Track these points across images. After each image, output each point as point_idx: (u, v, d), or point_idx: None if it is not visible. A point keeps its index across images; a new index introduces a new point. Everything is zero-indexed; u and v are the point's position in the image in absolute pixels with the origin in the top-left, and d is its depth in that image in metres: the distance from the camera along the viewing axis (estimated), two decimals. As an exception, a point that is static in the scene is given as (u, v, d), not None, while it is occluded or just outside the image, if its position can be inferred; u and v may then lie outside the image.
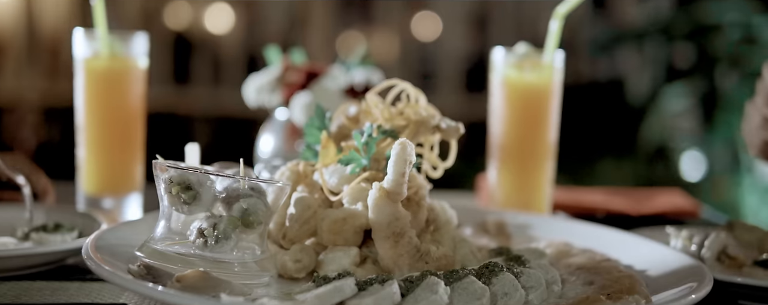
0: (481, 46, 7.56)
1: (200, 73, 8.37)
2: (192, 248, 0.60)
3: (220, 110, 5.32)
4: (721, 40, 4.50)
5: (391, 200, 0.61)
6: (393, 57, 7.86)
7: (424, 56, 7.91)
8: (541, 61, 0.83)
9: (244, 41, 7.25)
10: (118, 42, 0.86)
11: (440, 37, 8.22)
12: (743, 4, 3.84)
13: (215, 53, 7.81)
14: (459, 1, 7.81)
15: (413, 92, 0.71)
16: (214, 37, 8.38)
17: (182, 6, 8.62)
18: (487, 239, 0.76)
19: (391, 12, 8.17)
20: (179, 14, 8.18)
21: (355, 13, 8.07)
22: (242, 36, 7.06)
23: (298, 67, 0.96)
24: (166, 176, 0.61)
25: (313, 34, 7.99)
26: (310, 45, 7.46)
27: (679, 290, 0.59)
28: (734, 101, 4.08)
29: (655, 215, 0.97)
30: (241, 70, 7.48)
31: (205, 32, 8.35)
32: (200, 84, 8.60)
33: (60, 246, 0.67)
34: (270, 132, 0.98)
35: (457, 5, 7.79)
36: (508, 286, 0.58)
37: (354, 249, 0.63)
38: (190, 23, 8.33)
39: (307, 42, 7.62)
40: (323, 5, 7.71)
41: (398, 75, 4.24)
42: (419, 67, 8.15)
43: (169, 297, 0.51)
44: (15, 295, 0.62)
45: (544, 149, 0.84)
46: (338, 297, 0.54)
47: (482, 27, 7.94)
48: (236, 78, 7.75)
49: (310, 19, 7.82)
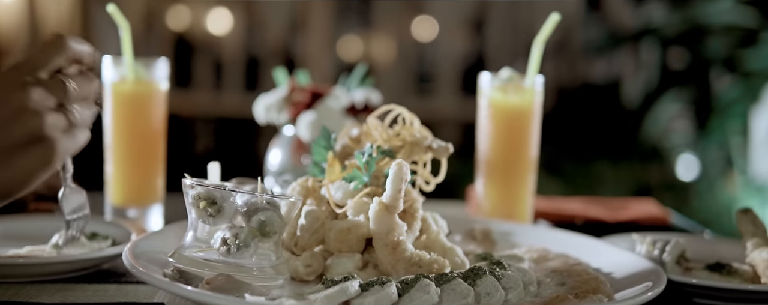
0: (478, 49, 7.65)
1: (201, 75, 8.42)
2: (216, 254, 0.70)
3: (220, 112, 5.40)
4: (714, 43, 4.55)
5: (389, 213, 0.70)
6: (391, 60, 7.95)
7: (421, 59, 8.00)
8: (523, 85, 0.93)
9: (244, 44, 7.34)
10: (142, 68, 0.95)
11: (438, 41, 8.31)
12: (736, 7, 3.89)
13: (216, 56, 7.87)
14: (455, 6, 7.89)
15: (408, 115, 0.80)
16: (215, 41, 8.44)
17: (183, 9, 8.70)
18: (474, 245, 0.85)
19: (389, 16, 8.24)
20: (180, 17, 8.23)
21: (354, 17, 8.15)
22: (242, 40, 7.15)
23: (303, 88, 1.05)
24: (194, 192, 0.70)
25: (313, 38, 8.07)
26: (310, 48, 7.56)
27: (637, 289, 0.68)
28: (727, 105, 4.14)
29: (628, 222, 1.06)
30: (241, 73, 7.56)
31: (206, 35, 8.41)
32: (201, 86, 8.66)
33: (100, 252, 0.76)
34: (278, 147, 1.07)
35: (453, 9, 7.87)
36: (490, 287, 0.67)
37: (357, 255, 0.72)
38: (192, 26, 8.38)
39: (307, 45, 7.73)
40: (322, 9, 7.80)
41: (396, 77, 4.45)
42: (417, 69, 8.24)
43: (201, 297, 0.61)
44: (62, 296, 0.71)
45: (526, 163, 0.93)
46: (344, 296, 0.64)
47: (479, 30, 8.02)
48: (236, 80, 7.85)
49: (309, 23, 7.90)
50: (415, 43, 9.12)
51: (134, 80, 0.94)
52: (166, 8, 7.93)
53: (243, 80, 9.04)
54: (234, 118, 7.08)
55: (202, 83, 9.17)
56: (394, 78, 8.49)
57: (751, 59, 3.96)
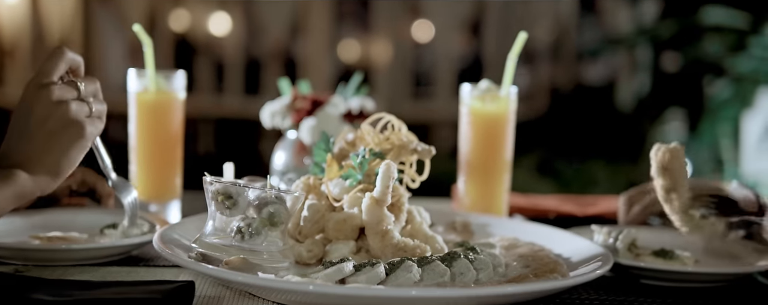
0: (475, 51, 7.78)
1: (202, 76, 8.51)
2: (232, 241, 0.82)
3: (221, 112, 5.52)
4: (707, 47, 4.63)
5: (379, 206, 0.83)
6: (389, 63, 8.07)
7: (419, 62, 8.11)
8: (499, 94, 1.05)
9: (245, 47, 7.44)
10: (163, 80, 1.07)
11: (435, 44, 8.42)
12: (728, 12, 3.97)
13: (217, 58, 7.98)
14: (452, 9, 8.00)
15: (396, 122, 0.93)
16: (216, 43, 8.54)
17: (184, 13, 8.80)
18: (455, 235, 0.98)
19: (388, 19, 8.35)
20: (182, 20, 8.33)
21: (353, 21, 8.27)
22: (242, 42, 7.26)
23: (305, 97, 1.18)
24: (213, 188, 0.83)
25: (312, 41, 8.19)
26: (309, 51, 7.68)
27: (587, 268, 0.80)
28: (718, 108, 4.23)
29: (596, 216, 1.18)
30: (241, 76, 7.67)
31: (207, 38, 8.51)
32: (202, 88, 8.75)
33: (132, 240, 0.89)
34: (282, 149, 1.20)
35: (450, 12, 7.99)
36: (463, 268, 0.80)
37: (352, 242, 0.85)
38: (193, 29, 8.49)
39: (307, 48, 7.86)
40: (322, 13, 7.91)
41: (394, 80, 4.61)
42: (414, 72, 8.35)
43: (222, 274, 0.73)
44: (101, 276, 0.83)
45: (502, 164, 1.06)
46: (340, 275, 0.76)
47: (476, 33, 8.13)
48: (236, 83, 7.98)
49: (309, 26, 8.01)
50: (412, 46, 9.25)
51: (156, 90, 1.07)
52: (168, 11, 8.04)
53: (243, 82, 9.15)
54: (235, 119, 7.19)
55: (203, 85, 9.29)
56: (392, 80, 8.60)
57: (741, 63, 4.04)
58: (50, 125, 0.77)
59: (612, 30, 8.04)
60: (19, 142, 0.77)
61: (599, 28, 8.59)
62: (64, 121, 0.77)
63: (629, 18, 7.31)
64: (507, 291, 0.71)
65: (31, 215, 0.97)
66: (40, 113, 0.77)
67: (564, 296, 0.81)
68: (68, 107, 0.78)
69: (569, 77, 8.55)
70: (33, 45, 5.72)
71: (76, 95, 0.79)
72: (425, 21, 8.97)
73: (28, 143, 0.77)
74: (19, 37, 5.62)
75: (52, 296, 0.70)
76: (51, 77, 0.79)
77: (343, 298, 0.70)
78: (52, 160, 0.77)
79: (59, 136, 0.77)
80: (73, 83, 0.80)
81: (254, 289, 0.74)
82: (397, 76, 8.48)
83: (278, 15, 8.84)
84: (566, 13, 8.46)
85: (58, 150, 0.77)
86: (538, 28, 8.79)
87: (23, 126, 0.77)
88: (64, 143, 0.77)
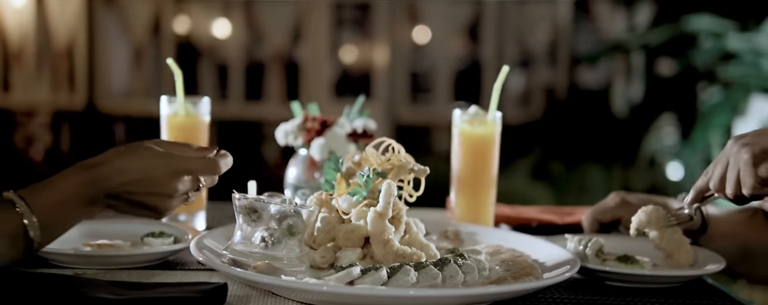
0: (473, 56, 7.88)
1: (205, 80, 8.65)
2: (257, 248, 0.96)
3: (224, 115, 5.68)
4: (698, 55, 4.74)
5: (382, 219, 0.97)
6: (389, 67, 8.19)
7: (418, 66, 8.21)
8: (486, 119, 1.20)
9: (247, 51, 7.56)
10: (190, 105, 1.22)
11: (434, 49, 8.55)
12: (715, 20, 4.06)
13: (219, 61, 8.08)
14: (451, 15, 8.13)
15: (396, 145, 1.07)
16: (219, 46, 8.67)
17: (188, 18, 8.95)
18: (447, 242, 1.13)
19: (387, 25, 8.48)
20: (185, 24, 8.45)
21: (353, 26, 8.41)
22: (244, 46, 7.38)
23: (315, 118, 1.33)
24: (241, 204, 0.97)
25: (313, 46, 8.32)
26: (310, 55, 7.79)
27: (558, 272, 0.95)
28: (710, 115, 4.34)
29: (573, 223, 1.33)
30: (243, 80, 7.76)
31: (210, 42, 8.65)
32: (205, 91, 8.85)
33: (171, 246, 1.03)
34: (294, 165, 1.34)
35: (449, 18, 8.12)
36: (453, 272, 0.94)
37: (359, 249, 0.99)
38: (196, 33, 8.62)
39: (307, 52, 7.97)
40: (322, 19, 8.02)
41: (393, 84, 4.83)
42: (413, 77, 8.47)
43: (251, 277, 0.87)
44: (145, 277, 0.97)
45: (489, 180, 1.20)
46: (349, 278, 0.90)
47: (474, 38, 8.24)
48: (238, 86, 8.07)
49: (309, 32, 8.13)
50: (411, 51, 9.38)
51: (185, 114, 1.21)
52: (172, 16, 8.17)
53: (244, 85, 9.27)
54: (237, 121, 7.33)
55: (206, 88, 9.37)
56: (392, 85, 8.74)
57: (729, 69, 4.15)
58: (151, 201, 0.90)
59: (607, 35, 8.17)
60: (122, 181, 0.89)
61: (594, 33, 8.73)
62: (163, 205, 0.91)
63: (623, 24, 7.44)
64: (489, 291, 0.86)
65: (79, 226, 1.11)
66: (155, 189, 0.89)
67: (539, 295, 0.96)
68: (171, 203, 0.91)
69: (565, 81, 8.70)
70: (39, 49, 5.86)
71: (189, 192, 0.93)
72: (423, 27, 9.12)
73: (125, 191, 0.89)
74: (25, 41, 5.76)
75: (112, 294, 0.84)
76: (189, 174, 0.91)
77: (352, 297, 0.85)
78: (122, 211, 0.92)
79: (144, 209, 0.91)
80: (198, 187, 0.93)
81: (278, 289, 0.89)
82: (397, 80, 8.62)
83: (279, 20, 8.97)
84: (562, 18, 8.61)
85: (137, 211, 0.92)
86: (534, 33, 8.93)
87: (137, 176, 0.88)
88: (145, 213, 0.92)
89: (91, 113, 9.17)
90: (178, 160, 0.90)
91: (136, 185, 0.89)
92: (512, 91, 8.48)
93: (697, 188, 1.06)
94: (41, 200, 0.87)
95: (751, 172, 0.94)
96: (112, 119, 9.57)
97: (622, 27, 7.58)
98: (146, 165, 0.88)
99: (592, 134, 6.56)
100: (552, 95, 9.01)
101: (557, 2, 8.34)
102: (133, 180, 0.88)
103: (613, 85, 8.26)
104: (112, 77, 9.24)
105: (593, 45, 8.41)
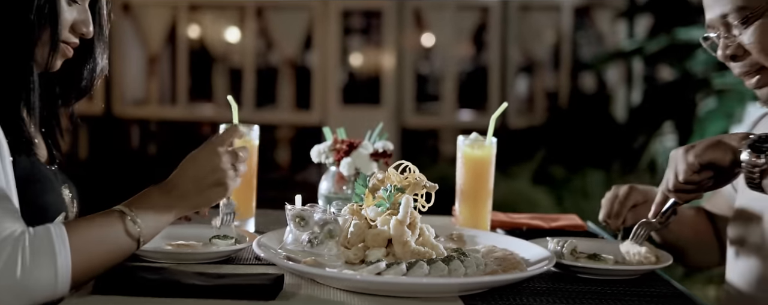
0: (479, 64, 8.10)
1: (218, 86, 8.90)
2: (305, 248, 1.24)
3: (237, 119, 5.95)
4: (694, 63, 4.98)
5: (401, 225, 1.25)
6: (397, 74, 8.45)
7: (424, 73, 8.43)
8: (484, 143, 1.48)
9: (259, 59, 7.81)
10: (244, 130, 1.50)
11: (441, 56, 8.79)
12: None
13: (232, 71, 8.31)
14: (458, 24, 8.39)
15: (412, 166, 1.35)
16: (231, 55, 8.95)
17: (201, 26, 9.24)
18: (452, 243, 1.40)
19: (394, 32, 8.75)
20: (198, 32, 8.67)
21: (361, 35, 8.68)
22: (257, 55, 7.63)
23: (343, 141, 1.60)
24: (292, 213, 1.25)
25: (323, 53, 8.57)
26: (320, 62, 8.04)
27: (538, 265, 1.23)
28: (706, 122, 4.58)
29: (558, 228, 1.60)
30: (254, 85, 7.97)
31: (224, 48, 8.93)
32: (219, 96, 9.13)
33: (234, 246, 1.31)
34: (326, 179, 1.62)
35: (456, 27, 8.39)
36: (457, 266, 1.21)
37: (383, 248, 1.26)
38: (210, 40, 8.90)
39: (318, 59, 8.21)
40: (332, 28, 8.28)
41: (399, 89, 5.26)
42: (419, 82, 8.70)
43: (304, 269, 1.15)
44: (215, 269, 1.25)
45: (486, 193, 1.48)
46: (377, 270, 1.17)
47: (479, 46, 8.47)
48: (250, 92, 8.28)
49: (319, 39, 8.39)
50: (418, 57, 9.62)
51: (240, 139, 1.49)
52: (186, 24, 8.40)
53: (256, 90, 9.53)
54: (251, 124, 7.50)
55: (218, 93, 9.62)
56: (399, 90, 8.98)
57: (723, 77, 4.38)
58: (210, 180, 1.20)
59: (609, 44, 8.41)
60: (185, 179, 1.21)
61: (596, 41, 8.97)
62: (219, 181, 1.21)
63: (624, 32, 7.68)
64: (484, 280, 1.14)
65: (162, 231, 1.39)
66: (206, 170, 1.20)
67: (523, 284, 1.23)
68: (226, 173, 1.22)
69: (567, 87, 8.94)
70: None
71: (234, 162, 1.22)
72: (430, 34, 9.38)
73: (191, 184, 1.20)
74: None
75: (201, 281, 1.12)
76: (224, 146, 1.22)
77: (379, 284, 1.12)
78: (198, 201, 1.22)
79: (211, 189, 1.21)
80: (235, 155, 1.23)
81: (322, 279, 1.16)
82: (403, 85, 8.87)
83: (290, 28, 9.24)
84: (565, 26, 8.85)
85: (206, 197, 1.21)
86: (538, 40, 9.17)
87: (191, 170, 1.20)
88: (212, 195, 1.22)
89: (108, 118, 9.46)
90: (207, 142, 1.24)
91: (194, 176, 1.22)
92: (516, 96, 8.74)
93: (657, 202, 1.33)
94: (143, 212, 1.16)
95: (683, 159, 1.20)
96: (127, 123, 9.85)
97: (622, 35, 7.82)
98: (192, 158, 1.23)
99: (593, 139, 6.79)
100: (555, 101, 9.25)
101: (560, 10, 8.62)
102: (190, 175, 1.22)
103: (614, 91, 8.50)
104: (127, 84, 9.52)
105: (595, 53, 8.64)
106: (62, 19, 1.19)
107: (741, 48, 1.27)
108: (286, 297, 1.11)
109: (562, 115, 8.33)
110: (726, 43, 1.28)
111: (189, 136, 8.76)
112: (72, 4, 1.21)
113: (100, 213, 1.16)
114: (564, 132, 7.20)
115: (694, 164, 1.17)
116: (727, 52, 1.29)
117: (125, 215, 1.15)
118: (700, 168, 1.17)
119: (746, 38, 1.25)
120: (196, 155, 1.22)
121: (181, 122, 8.93)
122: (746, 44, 1.26)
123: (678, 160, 1.20)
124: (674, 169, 1.22)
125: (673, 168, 1.23)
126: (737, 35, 1.27)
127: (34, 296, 1.02)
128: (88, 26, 1.24)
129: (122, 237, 1.14)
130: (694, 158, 1.17)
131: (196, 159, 1.21)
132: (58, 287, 1.04)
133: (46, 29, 1.17)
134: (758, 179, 1.08)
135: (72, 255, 1.06)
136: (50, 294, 1.04)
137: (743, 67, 1.29)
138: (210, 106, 8.93)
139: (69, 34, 1.22)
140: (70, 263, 1.05)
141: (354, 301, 1.11)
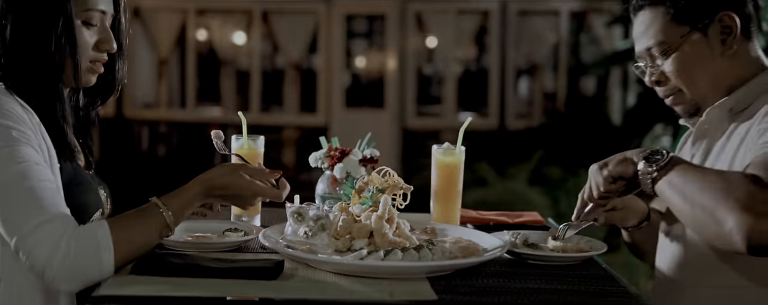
0: (478, 67, 8.37)
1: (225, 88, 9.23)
2: (302, 238, 1.51)
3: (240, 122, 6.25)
4: None
5: (381, 220, 1.52)
6: (399, 76, 8.74)
7: (426, 75, 8.73)
8: (454, 151, 1.75)
9: (265, 62, 8.11)
10: (252, 141, 1.77)
11: (441, 59, 9.08)
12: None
13: (239, 74, 8.62)
14: (459, 27, 8.67)
15: (392, 171, 1.62)
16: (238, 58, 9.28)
17: (209, 31, 9.56)
18: (426, 235, 1.67)
19: (396, 36, 9.04)
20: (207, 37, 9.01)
21: (364, 39, 8.97)
22: (263, 58, 7.92)
23: (336, 148, 1.87)
24: (291, 210, 1.52)
25: (327, 57, 8.88)
26: (325, 65, 8.36)
27: (493, 252, 1.49)
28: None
29: (521, 223, 1.87)
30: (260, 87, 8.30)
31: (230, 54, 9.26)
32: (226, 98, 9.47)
33: (243, 237, 1.58)
34: (321, 181, 1.89)
35: (457, 30, 8.66)
36: (426, 253, 1.47)
37: (366, 239, 1.52)
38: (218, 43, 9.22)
39: (322, 63, 8.52)
40: (336, 31, 8.61)
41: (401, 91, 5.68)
42: (420, 85, 9.00)
43: (302, 255, 1.42)
44: (229, 256, 1.52)
45: (456, 193, 1.74)
46: (360, 256, 1.44)
47: (480, 49, 8.74)
48: (257, 94, 8.62)
49: (323, 43, 8.71)
50: (420, 60, 9.89)
51: (247, 148, 1.76)
52: (195, 29, 8.71)
53: (262, 93, 9.80)
54: (256, 126, 7.89)
55: (226, 95, 9.94)
56: (401, 92, 9.25)
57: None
58: (240, 201, 1.49)
59: (605, 47, 8.66)
60: (221, 188, 1.43)
61: (593, 45, 9.23)
62: (246, 204, 1.50)
63: (620, 35, 7.94)
64: (444, 263, 1.41)
65: (182, 223, 1.66)
66: (240, 196, 1.48)
67: (480, 268, 1.49)
68: (252, 202, 1.50)
69: (564, 89, 9.19)
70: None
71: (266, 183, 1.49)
72: (432, 37, 9.64)
73: (226, 196, 1.47)
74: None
75: (216, 264, 1.39)
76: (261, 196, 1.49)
77: (361, 267, 1.39)
78: (227, 202, 1.52)
79: (237, 202, 1.51)
80: (270, 180, 1.51)
81: (316, 263, 1.43)
82: (405, 87, 9.14)
83: (296, 32, 9.52)
84: (563, 29, 9.11)
85: (232, 202, 1.52)
86: (537, 43, 9.41)
87: (232, 186, 1.42)
88: (236, 203, 1.52)
89: (119, 120, 9.74)
90: (258, 188, 1.47)
91: (232, 195, 1.48)
92: (515, 98, 8.97)
93: (578, 208, 1.59)
94: (174, 204, 1.43)
95: (600, 174, 1.45)
96: (138, 125, 10.13)
97: (618, 38, 8.05)
98: (239, 187, 1.45)
99: (589, 140, 7.02)
100: (553, 103, 9.50)
101: (558, 15, 8.86)
102: (231, 194, 1.46)
103: (610, 94, 8.74)
104: (138, 87, 9.81)
105: (592, 56, 8.88)
106: (82, 44, 1.34)
107: (663, 75, 1.55)
108: (285, 278, 1.38)
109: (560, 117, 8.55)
110: (651, 71, 1.56)
111: (197, 137, 9.03)
112: (90, 27, 1.35)
113: (137, 209, 1.43)
114: (561, 134, 7.42)
115: (608, 177, 1.42)
116: (652, 78, 1.56)
117: (160, 210, 1.42)
118: (613, 180, 1.42)
119: (667, 67, 1.53)
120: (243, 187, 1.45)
121: (189, 124, 9.21)
122: (667, 72, 1.54)
123: (596, 175, 1.45)
124: (592, 182, 1.48)
125: (591, 182, 1.48)
126: (660, 65, 1.54)
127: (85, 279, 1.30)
128: (111, 44, 1.39)
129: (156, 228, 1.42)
130: (608, 173, 1.42)
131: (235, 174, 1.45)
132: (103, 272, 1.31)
133: (67, 56, 1.33)
134: (651, 184, 1.34)
135: (114, 245, 1.33)
136: (98, 277, 1.31)
137: (666, 90, 1.57)
138: (217, 108, 9.20)
139: (94, 52, 1.38)
140: (113, 253, 1.32)
141: (341, 281, 1.38)
